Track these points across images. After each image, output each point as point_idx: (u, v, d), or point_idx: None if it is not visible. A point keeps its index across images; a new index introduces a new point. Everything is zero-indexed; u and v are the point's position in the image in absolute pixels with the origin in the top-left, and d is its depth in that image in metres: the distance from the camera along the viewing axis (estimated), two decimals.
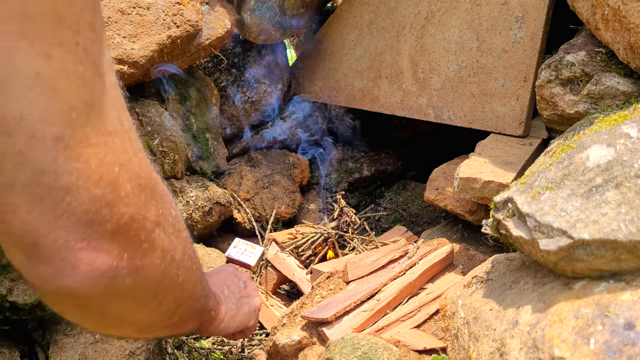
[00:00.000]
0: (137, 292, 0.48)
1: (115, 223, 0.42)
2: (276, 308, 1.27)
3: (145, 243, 0.46)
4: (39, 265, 0.41)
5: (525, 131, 1.28)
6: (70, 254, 0.41)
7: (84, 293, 0.43)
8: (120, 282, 0.45)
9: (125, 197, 0.43)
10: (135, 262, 0.45)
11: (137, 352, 1.04)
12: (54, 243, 0.40)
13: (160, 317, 0.55)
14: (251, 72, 1.65)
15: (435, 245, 1.13)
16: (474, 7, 1.33)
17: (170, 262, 0.51)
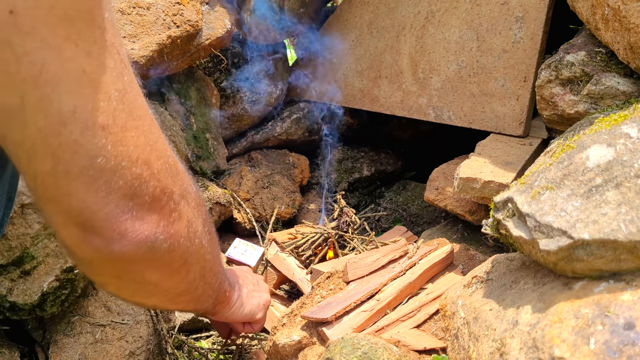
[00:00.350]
0: (171, 257, 0.54)
1: (151, 196, 0.49)
2: (276, 308, 1.26)
3: (174, 212, 0.53)
4: (93, 236, 0.47)
5: (525, 131, 1.28)
6: (119, 224, 0.47)
7: (130, 258, 0.50)
8: (158, 246, 0.51)
9: (157, 173, 0.50)
10: (169, 229, 0.52)
11: (137, 352, 1.04)
12: (106, 216, 0.47)
13: (187, 287, 0.62)
14: (251, 72, 1.65)
15: (435, 245, 1.13)
16: (474, 7, 1.33)
17: (194, 232, 0.57)
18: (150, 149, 0.49)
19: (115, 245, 0.48)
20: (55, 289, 0.92)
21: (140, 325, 1.07)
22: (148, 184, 0.49)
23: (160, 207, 0.51)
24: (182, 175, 0.56)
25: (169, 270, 0.56)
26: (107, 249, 0.48)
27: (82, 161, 0.44)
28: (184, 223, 0.55)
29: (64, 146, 0.43)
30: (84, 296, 1.05)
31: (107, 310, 1.06)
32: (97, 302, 1.06)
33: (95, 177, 0.45)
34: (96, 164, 0.44)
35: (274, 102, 1.71)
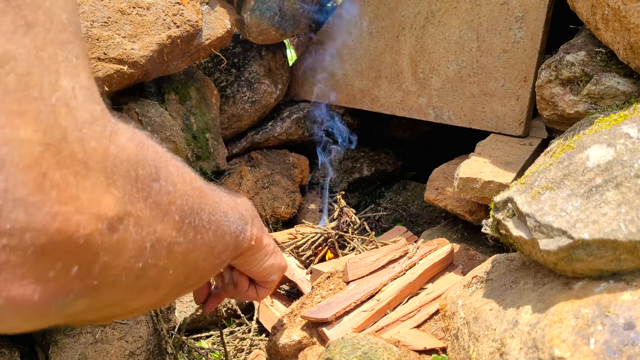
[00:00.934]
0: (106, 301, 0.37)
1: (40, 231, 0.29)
2: (276, 308, 1.27)
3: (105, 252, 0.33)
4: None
5: (525, 131, 1.28)
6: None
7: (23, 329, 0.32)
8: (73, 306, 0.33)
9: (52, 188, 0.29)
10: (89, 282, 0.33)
11: (137, 352, 1.04)
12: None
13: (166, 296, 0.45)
14: (251, 72, 1.65)
15: (435, 245, 1.13)
16: (474, 7, 1.33)
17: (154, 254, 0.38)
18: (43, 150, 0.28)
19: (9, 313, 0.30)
20: None
21: (140, 325, 1.07)
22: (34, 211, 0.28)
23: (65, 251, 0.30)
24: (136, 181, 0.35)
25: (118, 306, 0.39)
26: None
27: None
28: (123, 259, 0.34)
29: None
30: None
31: None
32: None
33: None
34: None
35: (274, 102, 1.71)
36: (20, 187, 0.27)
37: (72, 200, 0.29)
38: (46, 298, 0.30)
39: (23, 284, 0.28)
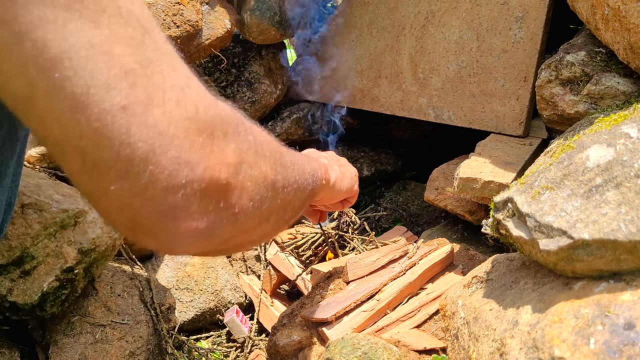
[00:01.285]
0: (243, 228, 0.47)
1: (201, 180, 0.40)
2: (276, 308, 1.27)
3: (236, 189, 0.44)
4: (146, 238, 0.41)
5: (525, 131, 1.28)
6: (168, 224, 0.40)
7: (196, 251, 0.45)
8: (222, 231, 0.44)
9: (200, 149, 0.40)
10: (232, 211, 0.43)
11: (137, 352, 1.04)
12: (150, 216, 0.39)
13: (272, 229, 0.56)
14: (251, 72, 1.65)
15: (435, 245, 1.13)
16: (474, 7, 1.33)
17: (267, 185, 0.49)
18: (189, 122, 0.40)
19: (174, 247, 0.42)
20: (55, 289, 0.92)
21: (140, 325, 1.07)
22: (195, 167, 0.39)
23: (215, 189, 0.41)
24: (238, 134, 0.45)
25: (246, 234, 0.49)
26: (166, 250, 0.43)
27: (107, 153, 0.37)
28: (248, 193, 0.46)
29: (85, 137, 0.36)
30: (84, 296, 1.05)
31: (107, 310, 1.06)
32: (97, 302, 1.06)
33: (126, 171, 0.37)
34: (123, 154, 0.37)
35: (274, 102, 1.71)
36: (185, 152, 0.39)
37: (213, 155, 0.41)
38: (209, 226, 0.42)
39: (195, 217, 0.40)
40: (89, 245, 0.95)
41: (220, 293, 1.31)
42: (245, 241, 0.52)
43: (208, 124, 0.41)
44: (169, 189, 0.38)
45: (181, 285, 1.29)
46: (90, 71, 0.36)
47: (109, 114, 0.36)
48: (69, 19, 0.35)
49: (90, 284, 1.07)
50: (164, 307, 1.16)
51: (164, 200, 0.38)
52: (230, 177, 0.42)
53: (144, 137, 0.37)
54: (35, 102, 0.36)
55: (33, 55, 0.35)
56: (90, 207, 0.97)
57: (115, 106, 0.36)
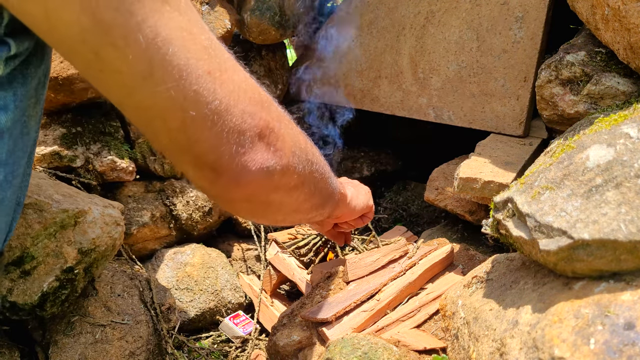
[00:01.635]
0: (286, 177, 0.60)
1: (257, 127, 0.54)
2: (276, 308, 1.27)
3: (279, 139, 0.58)
4: (223, 177, 0.54)
5: (525, 131, 1.28)
6: (240, 158, 0.53)
7: (254, 185, 0.56)
8: (273, 170, 0.57)
9: (257, 105, 0.55)
10: (278, 153, 0.58)
11: (137, 352, 1.04)
12: (230, 154, 0.52)
13: (305, 198, 0.68)
14: (251, 72, 1.65)
15: (435, 245, 1.13)
16: (474, 7, 1.33)
17: (299, 149, 0.62)
18: (246, 85, 0.54)
19: (241, 178, 0.55)
20: (55, 289, 0.92)
21: (140, 325, 1.07)
22: (253, 116, 0.53)
23: (267, 135, 0.56)
24: (272, 102, 0.60)
25: (287, 189, 0.62)
26: (236, 183, 0.55)
27: (203, 108, 0.49)
28: (288, 145, 0.59)
29: (188, 98, 0.48)
30: (84, 296, 1.05)
31: (107, 310, 1.06)
32: (97, 302, 1.06)
33: (215, 120, 0.50)
34: (213, 107, 0.49)
35: None
36: (248, 106, 0.53)
37: (263, 109, 0.56)
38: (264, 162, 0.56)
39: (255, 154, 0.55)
40: (89, 245, 0.95)
41: (220, 293, 1.31)
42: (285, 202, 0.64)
43: (257, 88, 0.57)
44: (238, 131, 0.52)
45: (181, 285, 1.29)
46: (185, 47, 0.47)
47: (202, 78, 0.48)
48: (166, 9, 0.46)
49: (90, 284, 1.07)
50: (164, 307, 1.16)
51: (237, 139, 0.52)
52: (276, 126, 0.57)
53: (224, 95, 0.50)
54: (151, 76, 0.46)
55: (151, 38, 0.45)
56: (89, 208, 0.97)
57: (205, 72, 0.49)
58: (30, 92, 0.57)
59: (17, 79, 0.55)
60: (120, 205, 1.07)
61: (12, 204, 0.62)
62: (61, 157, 1.19)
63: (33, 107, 0.60)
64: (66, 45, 0.45)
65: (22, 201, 0.66)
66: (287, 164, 0.59)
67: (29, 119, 0.60)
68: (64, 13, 0.42)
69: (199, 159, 0.52)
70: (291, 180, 0.62)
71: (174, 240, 1.41)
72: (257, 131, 0.54)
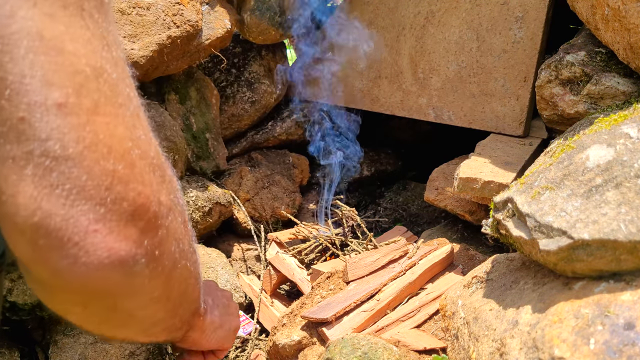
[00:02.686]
0: (153, 283, 0.43)
1: (132, 202, 0.38)
2: (276, 308, 1.26)
3: (161, 229, 0.42)
4: (49, 252, 0.36)
5: (525, 131, 1.28)
6: (85, 237, 0.36)
7: (99, 284, 0.39)
8: (139, 271, 0.40)
9: (139, 174, 0.39)
10: (153, 250, 0.41)
11: (137, 352, 1.04)
12: (66, 224, 0.36)
13: (164, 315, 0.50)
14: (251, 72, 1.65)
15: (435, 245, 1.13)
16: (474, 7, 1.33)
17: (181, 252, 0.46)
18: (132, 144, 0.39)
19: (79, 267, 0.37)
20: None
21: None
22: (127, 186, 0.38)
23: (145, 219, 0.39)
24: (172, 183, 0.45)
25: (148, 298, 0.44)
26: (70, 271, 0.37)
27: (29, 145, 0.34)
28: (171, 242, 0.44)
29: (7, 125, 0.34)
30: None
31: None
32: None
33: (48, 168, 0.35)
34: (48, 149, 0.34)
35: (274, 102, 1.71)
36: (122, 170, 0.37)
37: (149, 185, 0.40)
38: (129, 254, 0.39)
39: (118, 239, 0.38)
40: None
41: None
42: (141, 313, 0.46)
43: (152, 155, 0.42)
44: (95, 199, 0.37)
45: None
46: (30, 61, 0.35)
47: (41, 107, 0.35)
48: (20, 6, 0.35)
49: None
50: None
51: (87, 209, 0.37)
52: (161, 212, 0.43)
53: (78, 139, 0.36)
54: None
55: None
56: None
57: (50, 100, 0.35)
58: None
59: None
60: None
61: None
62: None
63: None
64: None
65: None
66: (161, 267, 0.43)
67: None
68: None
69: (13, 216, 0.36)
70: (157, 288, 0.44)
71: None
72: (130, 208, 0.38)
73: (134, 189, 0.38)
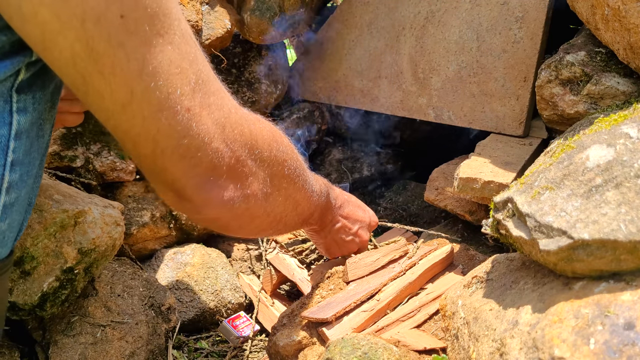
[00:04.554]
0: (250, 212, 0.65)
1: (227, 166, 0.57)
2: (276, 308, 1.27)
3: (249, 177, 0.61)
4: (185, 202, 0.58)
5: (525, 131, 1.28)
6: (204, 193, 0.57)
7: (215, 216, 0.61)
8: (238, 206, 0.61)
9: (231, 143, 0.57)
10: (245, 192, 0.61)
11: (137, 352, 1.04)
12: (193, 187, 0.56)
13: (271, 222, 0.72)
14: (251, 72, 1.65)
15: (435, 245, 1.13)
16: (474, 7, 1.33)
17: (272, 184, 0.66)
18: (225, 121, 0.56)
19: (202, 209, 0.59)
20: (55, 289, 0.92)
21: (140, 325, 1.07)
22: (224, 155, 0.56)
23: (236, 175, 0.59)
24: (257, 134, 0.63)
25: (249, 219, 0.66)
26: (197, 211, 0.59)
27: (174, 142, 0.51)
28: (258, 183, 0.63)
29: (161, 131, 0.50)
30: (84, 296, 1.05)
31: (107, 311, 1.06)
32: (97, 302, 1.06)
33: (184, 155, 0.53)
34: (184, 143, 0.52)
35: (274, 102, 1.71)
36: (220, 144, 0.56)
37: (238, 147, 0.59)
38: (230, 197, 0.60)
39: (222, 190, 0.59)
40: (89, 245, 0.95)
41: (220, 293, 1.31)
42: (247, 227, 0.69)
43: (238, 123, 0.58)
44: (210, 167, 0.56)
45: (181, 285, 1.29)
46: (170, 82, 0.49)
47: (178, 114, 0.50)
48: (158, 42, 0.47)
49: (90, 284, 1.07)
50: (164, 307, 1.16)
51: (208, 173, 0.56)
52: (247, 165, 0.60)
53: (198, 132, 0.52)
54: (129, 105, 0.48)
55: (137, 70, 0.47)
56: (89, 208, 0.97)
57: (184, 108, 0.50)
58: (47, 97, 0.59)
59: (36, 84, 0.56)
60: (120, 205, 1.07)
61: (24, 204, 0.64)
62: (61, 157, 1.19)
63: (48, 111, 0.62)
64: (57, 66, 0.48)
65: (33, 202, 0.67)
66: (253, 200, 0.63)
67: (45, 122, 0.62)
68: (59, 38, 0.44)
69: (165, 184, 0.56)
70: (256, 213, 0.66)
71: (174, 240, 1.41)
72: (227, 169, 0.57)
73: (229, 156, 0.58)
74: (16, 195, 0.60)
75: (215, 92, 0.55)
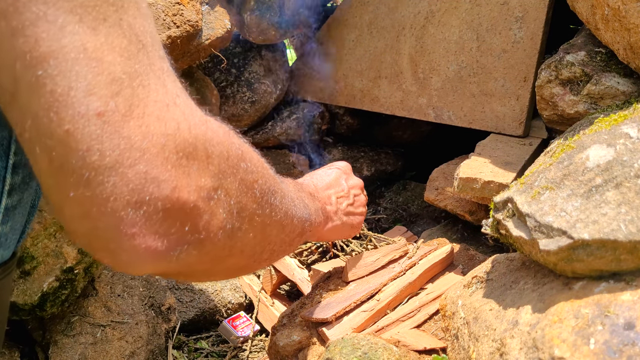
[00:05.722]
0: (209, 255, 0.45)
1: (166, 200, 0.38)
2: (276, 308, 1.27)
3: (205, 214, 0.42)
4: (98, 252, 0.39)
5: (525, 131, 1.28)
6: (125, 241, 0.38)
7: (154, 272, 0.43)
8: (185, 257, 0.42)
9: (173, 167, 0.39)
10: (197, 236, 0.42)
11: (137, 352, 1.04)
12: (109, 229, 0.37)
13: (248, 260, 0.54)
14: (251, 72, 1.65)
15: (435, 245, 1.13)
16: (474, 7, 1.33)
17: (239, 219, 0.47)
18: (167, 139, 0.39)
19: (127, 266, 0.40)
20: (55, 289, 0.92)
21: (140, 325, 1.07)
22: (160, 185, 0.38)
23: (182, 213, 0.40)
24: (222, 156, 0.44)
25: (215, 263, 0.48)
26: (122, 268, 0.40)
27: (73, 156, 0.36)
28: (218, 219, 0.44)
29: (55, 137, 0.35)
30: (84, 296, 1.05)
31: (107, 311, 1.06)
32: (97, 302, 1.06)
33: (89, 178, 0.36)
34: (89, 160, 0.36)
35: (274, 102, 1.71)
36: (155, 169, 0.37)
37: (185, 176, 0.39)
38: (169, 247, 0.40)
39: (155, 238, 0.39)
40: None
41: (220, 293, 1.31)
42: (215, 270, 0.51)
43: (189, 143, 0.40)
44: (131, 203, 0.37)
45: (181, 285, 1.29)
46: (76, 73, 0.35)
47: (82, 118, 0.35)
48: (68, 20, 0.35)
49: (90, 284, 1.07)
50: (164, 307, 1.16)
51: (125, 214, 0.37)
52: (199, 200, 0.41)
53: (114, 147, 0.36)
54: (17, 97, 0.36)
55: (23, 51, 0.35)
56: None
57: (91, 111, 0.35)
58: None
59: None
60: None
61: (27, 206, 0.63)
62: None
63: None
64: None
65: (36, 204, 0.66)
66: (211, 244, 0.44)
67: None
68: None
69: (66, 223, 0.39)
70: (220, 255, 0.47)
71: None
72: (164, 206, 0.38)
73: (167, 187, 0.38)
74: (18, 197, 0.59)
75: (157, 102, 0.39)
